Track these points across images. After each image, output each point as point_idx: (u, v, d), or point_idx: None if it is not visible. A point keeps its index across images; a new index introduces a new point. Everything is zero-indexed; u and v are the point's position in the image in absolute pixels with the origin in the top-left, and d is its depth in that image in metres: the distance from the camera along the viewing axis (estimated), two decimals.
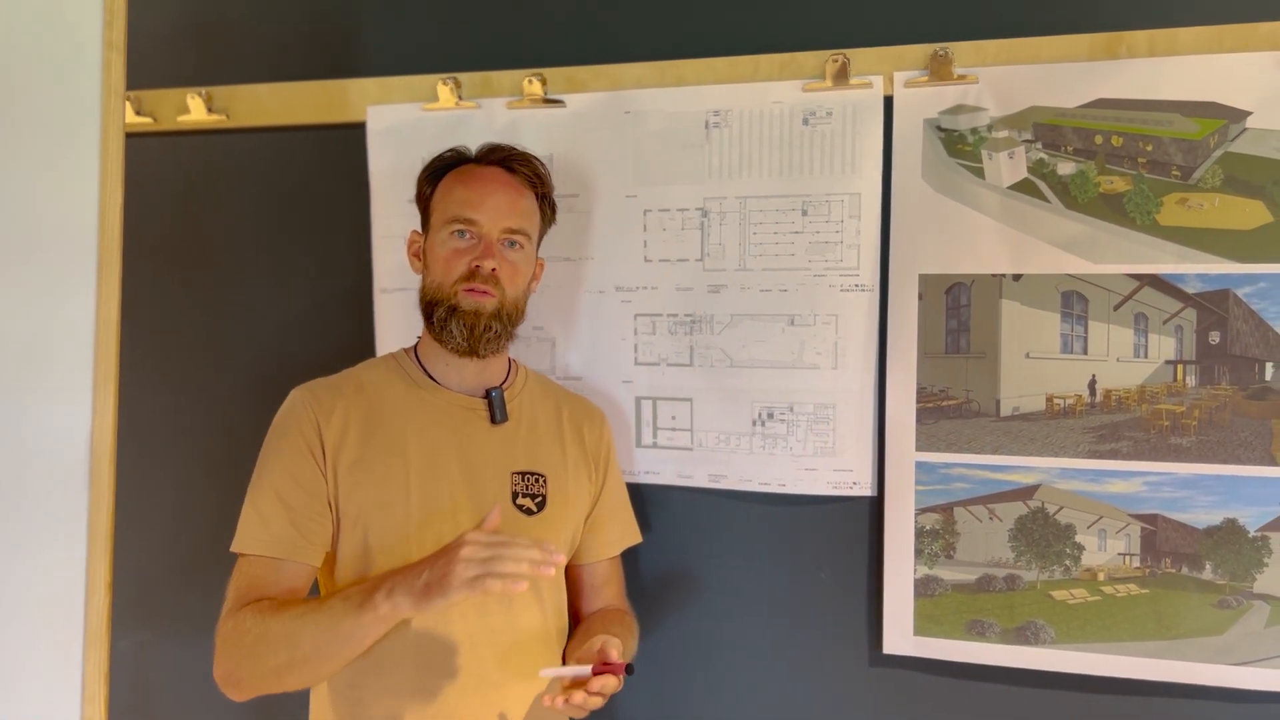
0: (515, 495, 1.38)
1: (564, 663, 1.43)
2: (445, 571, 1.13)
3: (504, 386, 1.43)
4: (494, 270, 1.36)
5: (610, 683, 1.21)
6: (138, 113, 1.82)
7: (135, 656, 1.86)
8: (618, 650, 1.24)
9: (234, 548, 1.33)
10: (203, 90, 1.80)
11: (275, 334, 1.81)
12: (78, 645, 1.31)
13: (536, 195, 1.45)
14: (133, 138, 1.82)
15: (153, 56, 1.83)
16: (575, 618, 1.49)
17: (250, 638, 1.23)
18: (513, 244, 1.39)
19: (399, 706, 1.31)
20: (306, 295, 1.80)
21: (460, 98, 1.70)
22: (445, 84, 1.69)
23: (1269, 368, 1.43)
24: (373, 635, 1.22)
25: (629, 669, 1.24)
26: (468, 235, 1.37)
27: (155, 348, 1.84)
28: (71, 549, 1.32)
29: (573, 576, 1.49)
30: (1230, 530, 1.44)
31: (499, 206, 1.38)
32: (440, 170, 1.45)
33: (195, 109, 1.80)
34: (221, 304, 1.83)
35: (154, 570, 1.85)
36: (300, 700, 1.39)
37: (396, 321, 1.73)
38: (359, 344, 1.75)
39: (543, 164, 1.46)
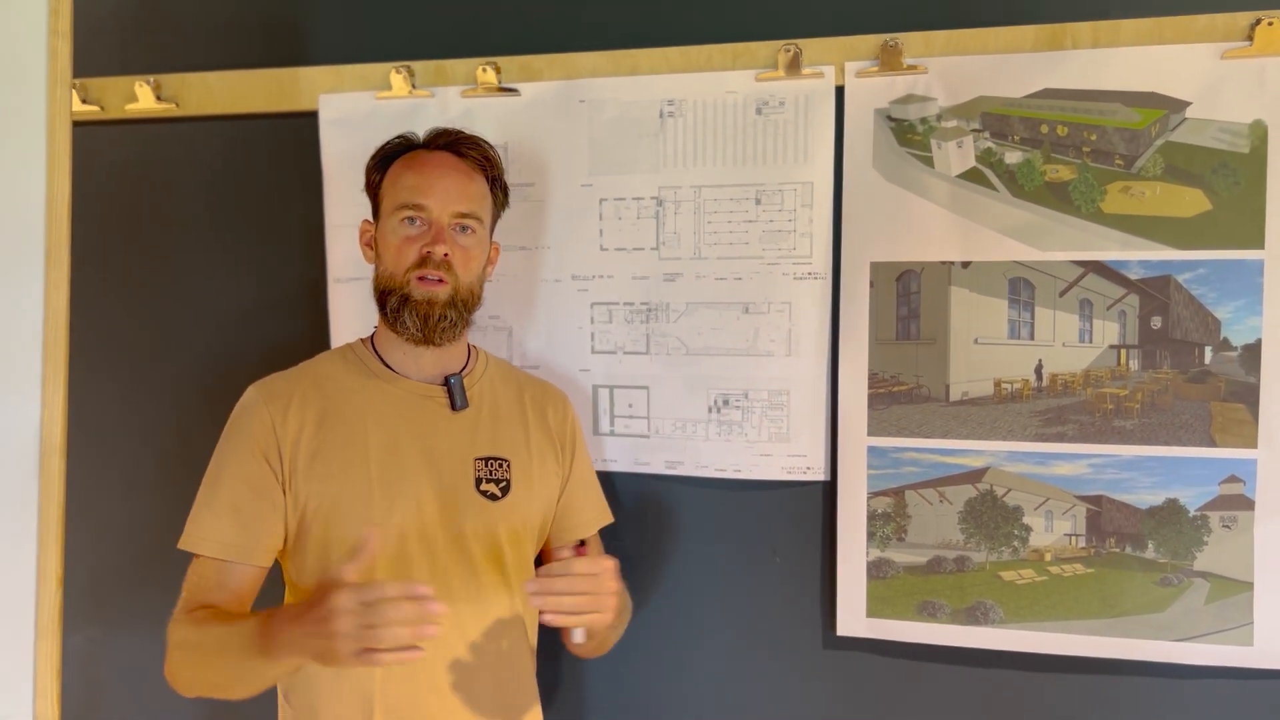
0: (479, 481, 1.38)
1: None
2: (328, 646, 1.07)
3: (463, 373, 1.43)
4: (445, 256, 1.35)
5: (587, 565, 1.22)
6: (84, 100, 1.79)
7: (88, 651, 1.83)
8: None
9: (181, 545, 1.34)
10: (151, 78, 1.78)
11: (227, 326, 1.79)
12: (29, 640, 1.29)
13: (487, 178, 1.44)
14: (79, 126, 1.81)
15: (100, 43, 1.80)
16: None
17: (187, 648, 1.26)
18: (464, 229, 1.39)
19: (368, 703, 1.31)
20: (259, 286, 1.78)
21: (414, 86, 1.69)
22: (399, 72, 1.68)
23: (1208, 352, 1.47)
24: (280, 675, 1.21)
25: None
26: (417, 222, 1.37)
27: (104, 340, 1.81)
28: (21, 543, 1.30)
29: (548, 561, 1.48)
30: (1171, 510, 1.49)
31: (448, 191, 1.37)
32: (388, 157, 1.44)
33: (143, 97, 1.78)
34: (172, 296, 1.80)
35: (106, 565, 1.82)
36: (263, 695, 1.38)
37: (351, 311, 1.72)
38: (313, 335, 1.74)
39: (492, 147, 1.45)
